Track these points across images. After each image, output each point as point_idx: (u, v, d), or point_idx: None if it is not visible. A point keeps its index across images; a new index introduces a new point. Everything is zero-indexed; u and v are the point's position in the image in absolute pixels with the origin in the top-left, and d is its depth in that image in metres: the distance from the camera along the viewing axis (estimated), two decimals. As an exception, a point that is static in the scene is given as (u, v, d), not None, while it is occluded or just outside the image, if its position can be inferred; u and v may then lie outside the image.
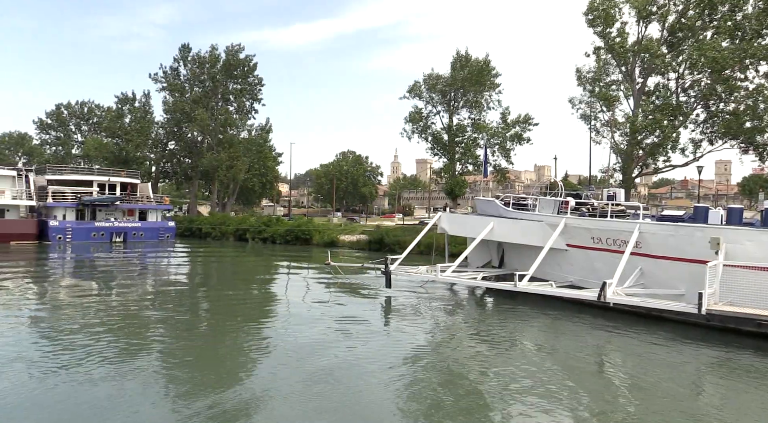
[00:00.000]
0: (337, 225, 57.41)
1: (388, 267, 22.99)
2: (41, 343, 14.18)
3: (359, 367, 12.34)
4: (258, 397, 10.38)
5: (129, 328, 16.31)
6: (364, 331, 16.18)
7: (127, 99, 77.71)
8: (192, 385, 10.99)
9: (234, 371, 12.25)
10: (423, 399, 10.47)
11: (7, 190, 49.35)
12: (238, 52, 69.80)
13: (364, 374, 11.87)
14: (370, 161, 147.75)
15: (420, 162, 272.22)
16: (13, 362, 12.15)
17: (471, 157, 47.30)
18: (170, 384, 11.13)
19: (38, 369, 11.68)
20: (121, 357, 12.88)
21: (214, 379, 11.43)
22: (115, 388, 10.62)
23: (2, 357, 12.49)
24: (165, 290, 24.99)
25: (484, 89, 45.98)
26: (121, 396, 10.20)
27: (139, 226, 54.62)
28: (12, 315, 17.82)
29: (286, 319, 17.98)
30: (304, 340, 14.63)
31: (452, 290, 24.62)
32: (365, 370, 12.14)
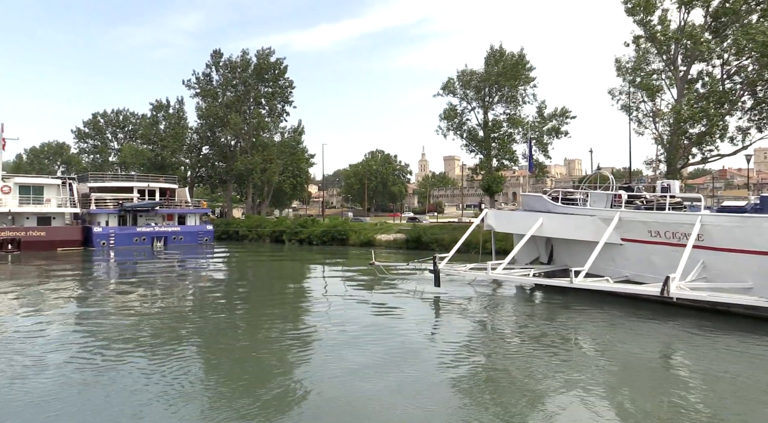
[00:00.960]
0: (372, 225, 57.41)
1: (437, 265, 22.82)
2: (88, 343, 14.48)
3: (410, 367, 12.16)
4: (302, 396, 10.29)
5: (173, 328, 16.59)
6: (415, 330, 16.04)
7: (161, 106, 79.10)
8: (236, 386, 10.94)
9: (278, 371, 12.15)
10: (478, 400, 10.17)
11: (52, 198, 50.72)
12: (268, 55, 70.41)
13: (416, 373, 11.69)
14: (399, 160, 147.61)
15: (447, 159, 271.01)
16: (58, 361, 12.50)
17: (507, 152, 46.79)
18: (213, 383, 11.15)
19: (83, 368, 11.93)
20: (162, 356, 13.05)
21: (260, 380, 11.38)
22: (156, 384, 10.77)
23: (50, 356, 12.83)
24: (209, 291, 25.19)
25: (519, 84, 45.42)
26: (163, 393, 10.29)
27: (179, 230, 55.58)
28: (61, 315, 18.39)
29: (332, 319, 17.78)
30: (350, 341, 14.46)
31: (501, 287, 24.35)
32: (417, 370, 11.97)
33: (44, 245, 46.87)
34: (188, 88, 72.78)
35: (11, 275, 31.05)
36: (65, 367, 12.00)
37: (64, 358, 12.72)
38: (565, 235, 22.57)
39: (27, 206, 48.80)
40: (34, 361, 12.40)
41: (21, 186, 49.76)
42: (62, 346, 13.87)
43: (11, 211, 47.37)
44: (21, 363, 12.23)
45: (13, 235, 46.04)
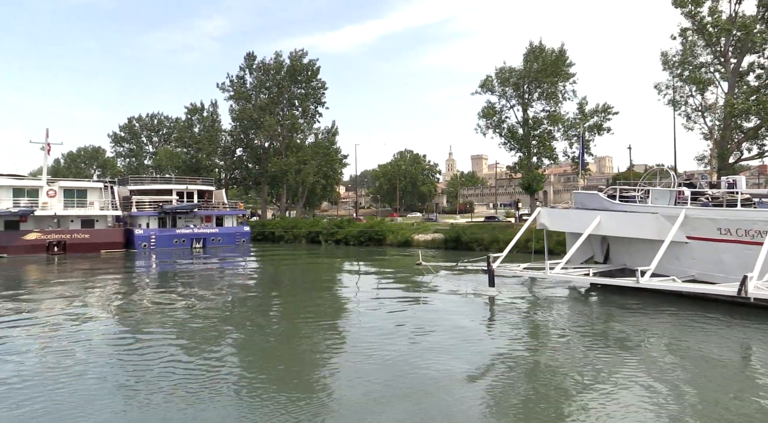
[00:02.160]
0: (408, 224, 57.14)
1: (491, 265, 22.41)
2: (130, 343, 14.63)
3: (467, 369, 11.82)
4: (348, 401, 10.02)
5: (216, 328, 16.56)
6: (472, 332, 15.68)
7: (196, 109, 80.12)
8: (280, 389, 10.79)
9: (328, 373, 12.00)
10: (542, 405, 9.78)
11: (95, 201, 51.69)
12: (301, 57, 70.71)
13: (474, 376, 11.36)
14: (427, 159, 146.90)
15: (475, 158, 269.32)
16: (102, 360, 12.66)
17: (547, 150, 45.99)
18: (255, 387, 10.96)
19: (125, 368, 12.09)
20: (204, 358, 13.07)
21: (310, 390, 11.06)
22: (195, 384, 10.79)
23: (94, 356, 13.02)
24: (250, 292, 25.13)
25: (558, 80, 44.61)
26: (200, 396, 10.25)
27: (217, 231, 56.10)
28: (107, 316, 18.69)
29: (380, 320, 17.39)
30: (406, 342, 14.17)
31: (554, 287, 23.84)
32: (474, 372, 11.63)
33: (88, 247, 47.78)
34: (222, 91, 73.61)
35: (59, 276, 31.58)
36: (108, 366, 12.19)
37: (108, 357, 12.94)
38: (624, 234, 21.95)
39: (71, 209, 49.80)
40: (80, 360, 12.62)
41: (65, 190, 50.83)
42: (106, 346, 14.13)
43: (57, 214, 48.39)
44: (68, 362, 12.45)
45: (59, 238, 47.05)
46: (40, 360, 12.82)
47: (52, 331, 16.04)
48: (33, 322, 17.38)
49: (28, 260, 41.74)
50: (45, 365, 12.32)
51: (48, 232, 46.81)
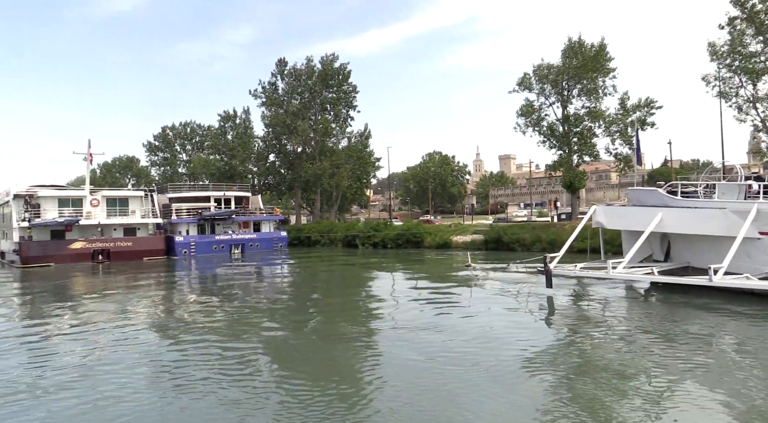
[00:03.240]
0: (446, 226, 56.64)
1: (548, 265, 21.85)
2: (169, 347, 14.91)
3: (529, 371, 11.43)
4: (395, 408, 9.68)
5: (259, 333, 16.57)
6: (532, 333, 15.26)
7: (229, 116, 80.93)
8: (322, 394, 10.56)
9: (379, 376, 11.70)
10: (608, 409, 9.34)
11: (137, 209, 52.50)
12: (332, 61, 70.85)
13: (539, 379, 10.92)
14: (456, 160, 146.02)
15: (503, 158, 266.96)
16: (148, 365, 12.91)
17: (589, 147, 45.01)
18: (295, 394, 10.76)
19: (163, 371, 12.32)
20: (243, 358, 13.22)
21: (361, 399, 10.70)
22: (236, 391, 10.81)
23: (133, 360, 13.25)
24: (292, 296, 24.97)
25: (599, 76, 43.66)
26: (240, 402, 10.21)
27: (255, 237, 56.48)
28: (154, 322, 18.86)
29: (434, 322, 16.95)
30: (464, 346, 13.68)
31: (613, 287, 23.17)
32: (538, 374, 11.20)
33: (131, 255, 48.49)
34: (255, 98, 74.16)
35: (106, 284, 32.00)
36: (152, 371, 12.41)
37: (153, 363, 13.15)
38: (688, 231, 21.16)
39: (114, 218, 50.67)
40: (127, 365, 12.81)
41: (108, 199, 51.76)
42: (152, 351, 14.36)
43: (100, 223, 49.25)
44: (115, 367, 12.64)
45: (104, 246, 47.86)
46: (88, 360, 13.30)
47: (100, 336, 16.36)
48: (83, 329, 17.73)
49: (75, 268, 42.50)
50: (92, 366, 12.72)
51: (92, 241, 47.65)
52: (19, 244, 45.32)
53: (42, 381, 11.67)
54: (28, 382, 11.56)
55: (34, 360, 13.65)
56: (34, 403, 10.20)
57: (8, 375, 12.11)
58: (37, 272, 40.69)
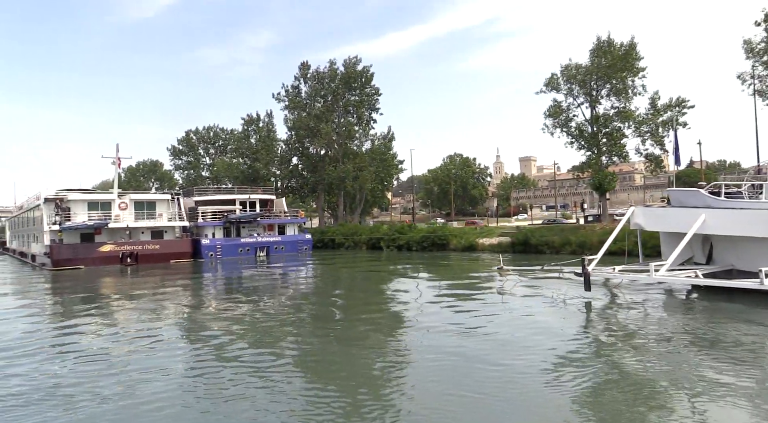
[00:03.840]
0: (471, 228, 56.14)
1: (586, 267, 21.36)
2: (198, 350, 14.82)
3: (558, 383, 10.87)
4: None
5: (286, 336, 16.43)
6: (572, 338, 14.72)
7: (252, 120, 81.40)
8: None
9: (405, 380, 11.52)
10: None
11: (164, 212, 52.94)
12: (355, 64, 70.88)
13: (569, 392, 10.37)
14: (477, 163, 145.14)
15: (523, 160, 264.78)
16: (176, 367, 12.95)
17: (618, 148, 44.20)
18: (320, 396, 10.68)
19: (196, 373, 12.35)
20: (271, 361, 13.27)
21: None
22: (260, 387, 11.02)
23: (163, 363, 13.29)
24: (319, 300, 24.58)
25: (629, 75, 42.89)
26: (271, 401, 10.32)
27: (280, 240, 56.60)
28: (184, 324, 19.00)
29: (464, 327, 16.45)
30: (494, 351, 13.29)
31: (652, 290, 22.56)
32: (570, 387, 10.62)
33: (159, 258, 48.90)
34: (278, 102, 74.48)
35: (135, 287, 32.13)
36: (180, 373, 12.49)
37: (181, 364, 13.24)
38: (733, 232, 20.54)
39: (142, 221, 51.14)
40: (157, 368, 12.90)
41: (136, 202, 52.26)
42: (180, 353, 14.46)
43: (128, 226, 49.73)
44: (145, 369, 12.73)
45: (132, 249, 48.33)
46: (121, 360, 13.60)
47: (130, 338, 16.63)
48: (115, 331, 17.97)
49: (104, 271, 42.94)
50: (123, 367, 12.96)
51: (121, 244, 48.13)
52: (50, 247, 45.93)
53: (73, 383, 11.77)
54: (59, 384, 11.65)
55: (67, 362, 13.72)
56: (67, 406, 10.26)
57: (40, 376, 12.27)
58: (68, 274, 41.16)
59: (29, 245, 59.67)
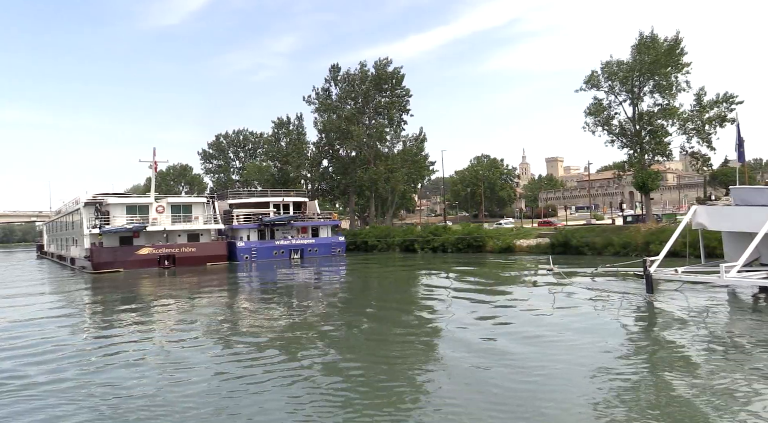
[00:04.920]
0: (508, 229, 55.29)
1: (648, 269, 20.54)
2: (235, 351, 14.87)
3: (645, 384, 10.42)
4: None
5: (322, 338, 16.24)
6: (638, 342, 14.10)
7: (282, 123, 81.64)
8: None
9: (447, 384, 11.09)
10: None
11: (200, 216, 53.22)
12: (386, 65, 70.56)
13: (626, 405, 9.65)
14: (505, 164, 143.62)
15: (550, 161, 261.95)
16: (210, 366, 13.13)
17: (662, 147, 42.93)
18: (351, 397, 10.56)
19: (223, 373, 12.46)
20: (300, 362, 13.20)
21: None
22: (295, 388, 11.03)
23: (194, 360, 13.55)
24: (355, 303, 24.15)
25: (673, 71, 41.65)
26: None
27: (314, 242, 56.43)
28: (222, 325, 18.93)
29: (514, 332, 15.77)
30: (547, 357, 12.58)
31: (716, 292, 21.63)
32: (629, 400, 9.88)
33: (195, 260, 49.09)
34: (308, 104, 74.55)
35: (174, 289, 32.17)
36: (214, 372, 12.57)
37: (215, 364, 13.36)
38: (808, 232, 19.48)
39: (178, 224, 51.46)
40: (191, 365, 13.24)
41: (173, 205, 52.61)
42: (221, 355, 14.51)
43: (166, 229, 50.06)
44: (184, 369, 12.92)
45: (169, 252, 48.62)
46: (160, 360, 13.94)
47: (171, 339, 16.92)
48: (159, 333, 18.22)
49: (143, 274, 43.23)
50: (162, 370, 13.04)
51: (159, 247, 48.46)
52: (91, 251, 46.43)
53: (113, 383, 11.89)
54: (99, 384, 11.82)
55: (109, 363, 13.85)
56: (107, 405, 10.41)
57: (82, 377, 12.43)
58: (108, 278, 41.50)
59: (68, 249, 60.55)
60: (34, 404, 10.61)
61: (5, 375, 12.89)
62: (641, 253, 38.68)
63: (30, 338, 17.62)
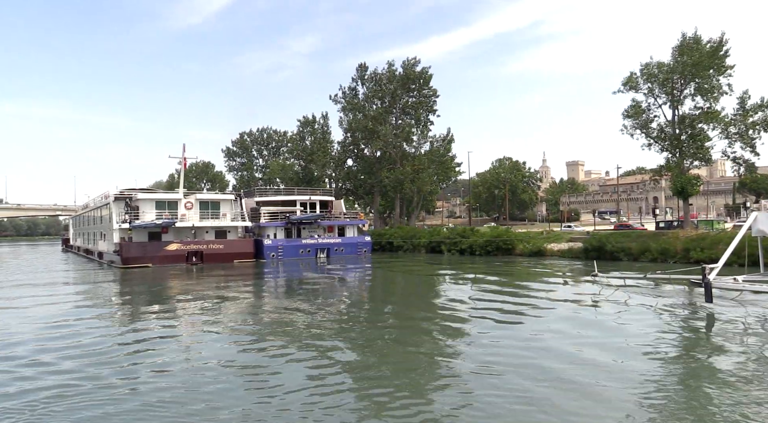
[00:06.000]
0: (538, 233, 54.38)
1: (707, 276, 19.65)
2: (259, 350, 14.79)
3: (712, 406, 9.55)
4: None
5: (346, 340, 15.96)
6: (701, 356, 13.15)
7: (307, 121, 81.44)
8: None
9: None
10: None
11: (228, 213, 53.06)
12: (414, 65, 69.98)
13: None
14: (528, 167, 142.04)
15: (570, 165, 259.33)
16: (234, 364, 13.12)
17: (703, 151, 41.71)
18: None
19: (243, 371, 12.48)
20: (326, 362, 13.08)
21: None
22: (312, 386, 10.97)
23: (228, 362, 13.32)
24: (383, 306, 23.49)
25: (717, 74, 40.45)
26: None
27: (340, 241, 56.05)
28: (247, 325, 18.64)
29: (572, 339, 14.94)
30: (609, 372, 11.73)
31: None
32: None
33: (223, 257, 48.97)
34: (335, 103, 74.20)
35: (202, 286, 31.90)
36: (243, 372, 12.42)
37: (247, 364, 13.17)
38: None
39: (206, 221, 51.32)
40: (215, 363, 13.15)
41: (201, 202, 52.52)
42: (245, 354, 14.35)
43: (194, 226, 49.96)
44: (207, 368, 12.76)
45: (197, 248, 48.53)
46: (185, 358, 13.84)
47: (196, 337, 16.90)
48: (187, 330, 18.32)
49: (171, 270, 43.14)
50: (186, 364, 13.15)
51: (187, 243, 48.37)
52: (120, 245, 46.46)
53: (138, 380, 11.85)
54: (122, 381, 11.76)
55: (137, 360, 13.76)
56: (130, 402, 10.33)
57: (104, 373, 12.32)
58: (137, 273, 41.47)
59: (95, 243, 60.85)
60: (65, 401, 10.51)
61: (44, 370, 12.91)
62: (680, 261, 37.64)
63: (71, 329, 18.23)
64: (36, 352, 14.59)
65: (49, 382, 11.79)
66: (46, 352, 14.53)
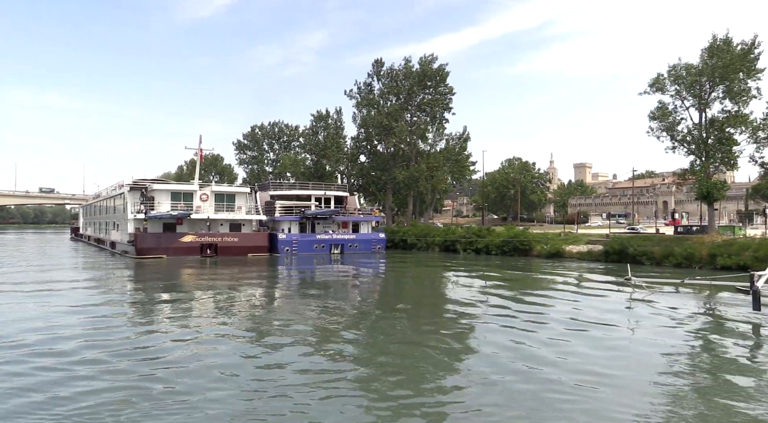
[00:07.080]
0: (556, 234, 53.71)
1: (755, 283, 19.01)
2: (270, 348, 14.43)
3: None
4: None
5: (358, 338, 15.68)
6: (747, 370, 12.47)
7: (321, 116, 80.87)
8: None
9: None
10: None
11: (242, 206, 52.55)
12: (431, 62, 69.31)
13: None
14: (537, 167, 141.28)
15: (578, 166, 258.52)
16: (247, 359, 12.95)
17: (731, 156, 40.94)
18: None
19: (255, 368, 12.21)
20: (337, 361, 12.86)
21: None
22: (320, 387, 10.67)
23: (238, 359, 12.98)
24: (398, 305, 22.49)
25: (747, 76, 39.64)
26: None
27: (354, 238, 55.53)
28: (261, 322, 18.12)
29: (607, 349, 14.18)
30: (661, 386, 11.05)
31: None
32: None
33: (237, 250, 48.47)
34: (350, 98, 73.58)
35: (217, 279, 31.41)
36: (247, 371, 12.05)
37: (250, 361, 12.86)
38: None
39: (221, 213, 50.83)
40: (224, 360, 12.90)
41: (216, 194, 52.03)
42: (257, 351, 13.98)
43: (209, 218, 49.45)
44: (216, 365, 12.47)
45: (212, 241, 48.04)
46: (193, 355, 13.44)
47: (207, 332, 16.37)
48: (204, 325, 17.50)
49: (186, 261, 42.64)
50: (197, 359, 12.91)
51: (202, 235, 47.89)
52: (135, 236, 45.99)
53: (149, 376, 11.46)
54: (133, 376, 11.38)
55: (149, 356, 13.35)
56: (141, 398, 10.02)
57: (117, 369, 11.94)
58: (152, 263, 40.98)
59: (108, 232, 60.41)
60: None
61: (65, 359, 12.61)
62: (705, 266, 36.99)
63: (88, 316, 18.23)
64: (82, 349, 13.82)
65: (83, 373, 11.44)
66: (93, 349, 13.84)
